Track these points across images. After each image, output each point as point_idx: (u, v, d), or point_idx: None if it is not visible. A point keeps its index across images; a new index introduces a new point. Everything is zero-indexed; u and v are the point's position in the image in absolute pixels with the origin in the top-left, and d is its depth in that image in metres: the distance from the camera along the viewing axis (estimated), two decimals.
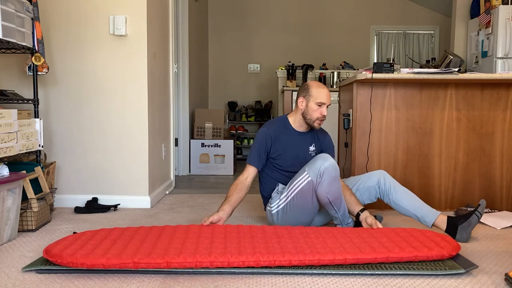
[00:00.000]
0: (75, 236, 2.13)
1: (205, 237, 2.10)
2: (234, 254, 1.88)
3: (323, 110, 2.47)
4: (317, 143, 2.63)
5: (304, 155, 2.55)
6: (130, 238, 2.09)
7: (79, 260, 1.81)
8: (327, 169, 2.29)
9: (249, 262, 1.86)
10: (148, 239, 2.06)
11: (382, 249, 1.95)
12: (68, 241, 2.03)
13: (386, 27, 6.65)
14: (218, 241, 2.04)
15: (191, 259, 1.83)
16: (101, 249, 1.91)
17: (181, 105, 4.87)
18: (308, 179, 2.33)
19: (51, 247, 1.94)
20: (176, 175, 4.59)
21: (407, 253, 1.93)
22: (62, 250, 1.90)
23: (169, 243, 2.00)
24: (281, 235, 2.17)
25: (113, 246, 1.96)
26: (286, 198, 2.43)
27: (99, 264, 1.81)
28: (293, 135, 2.57)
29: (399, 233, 2.18)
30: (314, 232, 2.22)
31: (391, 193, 2.51)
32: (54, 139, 3.21)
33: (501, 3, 4.67)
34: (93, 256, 1.84)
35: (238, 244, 2.01)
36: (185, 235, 2.13)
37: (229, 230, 2.23)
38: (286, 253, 1.90)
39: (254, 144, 2.57)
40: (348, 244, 2.03)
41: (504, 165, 3.14)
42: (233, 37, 6.62)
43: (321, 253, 1.91)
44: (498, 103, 3.11)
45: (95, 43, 3.15)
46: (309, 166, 2.37)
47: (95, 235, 2.14)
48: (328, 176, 2.29)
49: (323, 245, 2.01)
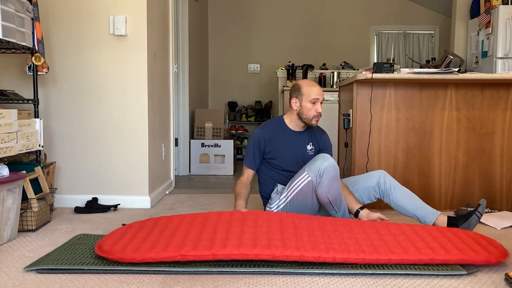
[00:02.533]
0: (123, 228, 2.17)
1: (249, 226, 2.08)
2: (279, 247, 1.87)
3: (317, 107, 2.48)
4: (315, 142, 2.63)
5: (302, 154, 2.56)
6: (175, 228, 2.11)
7: (129, 255, 1.86)
8: (327, 169, 2.29)
9: (294, 256, 1.85)
10: (193, 229, 2.08)
11: (427, 251, 1.91)
12: (117, 235, 2.08)
13: (386, 27, 6.65)
14: (261, 231, 2.03)
15: (236, 251, 1.85)
16: (149, 242, 1.95)
17: (181, 105, 4.87)
18: (308, 179, 2.33)
19: (102, 243, 2.00)
20: (176, 175, 4.59)
21: (453, 255, 1.88)
22: (112, 246, 1.95)
23: (213, 233, 2.01)
24: (323, 227, 2.13)
25: (160, 238, 1.99)
26: (286, 199, 2.43)
27: (148, 258, 1.85)
28: (290, 135, 2.58)
29: (444, 233, 2.14)
30: (358, 227, 2.16)
31: (391, 193, 2.51)
32: (54, 139, 3.21)
33: (501, 3, 4.67)
34: (142, 250, 1.88)
35: (281, 236, 1.99)
36: (228, 224, 2.11)
37: (271, 218, 2.19)
38: (330, 250, 1.88)
39: (248, 146, 2.58)
40: (392, 242, 1.99)
41: (504, 165, 3.14)
42: (233, 37, 6.62)
43: (366, 252, 1.89)
44: (498, 103, 3.11)
45: (95, 43, 3.15)
46: (309, 166, 2.37)
47: (143, 226, 2.18)
48: (328, 176, 2.29)
49: (367, 243, 1.97)
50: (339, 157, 3.59)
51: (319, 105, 2.48)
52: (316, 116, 2.50)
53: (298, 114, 2.53)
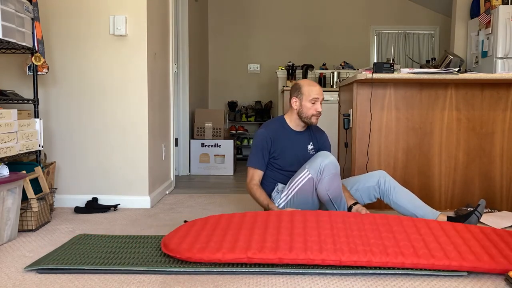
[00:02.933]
0: (187, 226, 2.19)
1: (312, 228, 2.08)
2: (346, 252, 1.87)
3: (317, 106, 2.50)
4: (315, 142, 2.65)
5: (303, 154, 2.57)
6: (239, 227, 2.12)
7: (196, 255, 1.90)
8: (328, 166, 2.30)
9: (361, 262, 1.85)
10: (256, 229, 2.08)
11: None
12: (181, 232, 2.11)
13: (386, 27, 6.65)
14: (325, 233, 2.02)
15: (302, 256, 1.86)
16: (214, 242, 1.98)
17: (181, 105, 4.87)
18: (309, 176, 2.33)
19: (168, 241, 2.03)
20: (176, 175, 4.59)
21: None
22: (179, 245, 1.98)
23: (277, 234, 2.01)
24: (378, 226, 2.11)
25: (225, 238, 2.01)
26: (287, 197, 2.43)
27: (215, 259, 1.88)
28: (291, 134, 2.59)
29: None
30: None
31: (391, 193, 2.52)
32: (54, 139, 3.21)
33: (501, 3, 4.67)
34: (209, 250, 1.91)
35: (347, 239, 1.98)
36: (291, 224, 2.12)
37: (332, 220, 2.18)
38: (399, 254, 1.87)
39: (255, 146, 2.56)
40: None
41: (504, 165, 3.14)
42: (233, 37, 6.62)
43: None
44: (498, 103, 3.11)
45: (95, 43, 3.15)
46: (310, 163, 2.38)
47: (206, 224, 2.20)
48: (329, 173, 2.30)
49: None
50: (339, 157, 3.59)
51: (319, 104, 2.51)
52: (316, 115, 2.52)
53: (298, 113, 2.54)
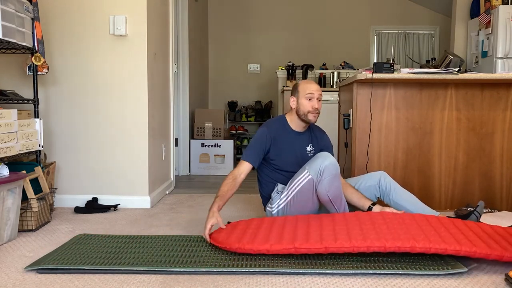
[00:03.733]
0: (231, 225, 2.31)
1: (353, 223, 2.16)
2: (389, 239, 1.93)
3: (313, 103, 2.49)
4: (315, 143, 2.64)
5: (302, 155, 2.56)
6: (282, 226, 2.20)
7: (246, 246, 1.99)
8: (327, 167, 2.30)
9: (405, 247, 1.90)
10: (299, 227, 2.15)
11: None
12: (228, 229, 2.22)
13: (386, 27, 6.65)
14: (367, 227, 2.09)
15: (348, 245, 1.92)
16: (261, 236, 2.07)
17: (181, 105, 4.87)
18: (309, 177, 2.33)
19: (216, 235, 2.15)
20: (176, 175, 4.59)
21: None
22: (227, 238, 2.08)
23: (321, 230, 2.09)
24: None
25: (271, 233, 2.10)
26: (287, 198, 2.43)
27: (263, 249, 1.97)
28: (291, 135, 2.58)
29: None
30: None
31: (391, 193, 2.53)
32: (54, 139, 3.21)
33: (501, 3, 4.67)
34: (257, 242, 2.00)
35: (388, 230, 2.04)
36: (333, 222, 2.20)
37: (372, 216, 2.25)
38: (441, 242, 1.91)
39: (253, 142, 2.55)
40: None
41: (504, 165, 3.14)
42: (233, 37, 6.62)
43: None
44: (498, 103, 3.11)
45: (95, 43, 3.15)
46: (310, 164, 2.37)
47: (250, 223, 2.30)
48: (329, 174, 2.29)
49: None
50: (339, 157, 3.59)
51: (315, 101, 2.49)
52: (312, 111, 2.49)
53: (297, 112, 2.54)
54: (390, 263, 1.95)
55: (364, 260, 1.98)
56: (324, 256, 2.02)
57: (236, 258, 2.01)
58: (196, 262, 1.96)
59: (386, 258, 2.00)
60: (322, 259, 1.99)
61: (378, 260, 1.97)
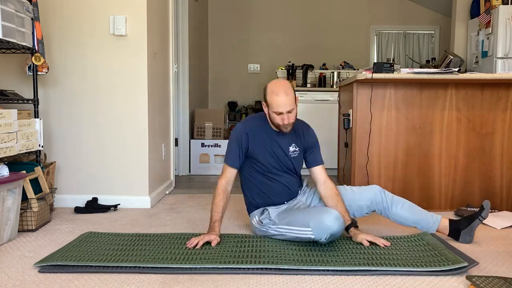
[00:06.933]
0: None
1: None
2: None
3: (283, 117, 2.22)
4: (299, 142, 2.41)
5: (283, 157, 2.37)
6: None
7: None
8: (333, 235, 2.12)
9: None
10: None
11: None
12: None
13: (386, 27, 6.65)
14: None
15: None
16: None
17: (181, 105, 4.87)
18: (311, 236, 2.15)
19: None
20: (176, 175, 4.59)
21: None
22: None
23: None
24: None
25: None
26: (279, 233, 2.28)
27: None
28: (271, 133, 2.37)
29: None
30: None
31: (390, 210, 2.38)
32: (54, 139, 3.21)
33: (501, 3, 4.67)
34: None
35: None
36: None
37: None
38: None
39: (230, 142, 2.37)
40: None
41: (504, 165, 3.13)
42: (233, 37, 6.61)
43: None
44: (498, 103, 3.11)
45: (95, 43, 3.15)
46: (315, 221, 2.13)
47: None
48: (332, 238, 2.14)
49: None
50: (339, 157, 3.59)
51: (286, 115, 2.22)
52: (283, 126, 2.26)
53: (270, 120, 2.33)
54: (391, 260, 1.95)
55: (365, 258, 1.98)
56: (324, 254, 2.03)
57: (237, 255, 2.01)
58: (199, 259, 1.97)
59: (387, 256, 2.00)
60: (322, 256, 1.99)
61: (379, 258, 1.98)
